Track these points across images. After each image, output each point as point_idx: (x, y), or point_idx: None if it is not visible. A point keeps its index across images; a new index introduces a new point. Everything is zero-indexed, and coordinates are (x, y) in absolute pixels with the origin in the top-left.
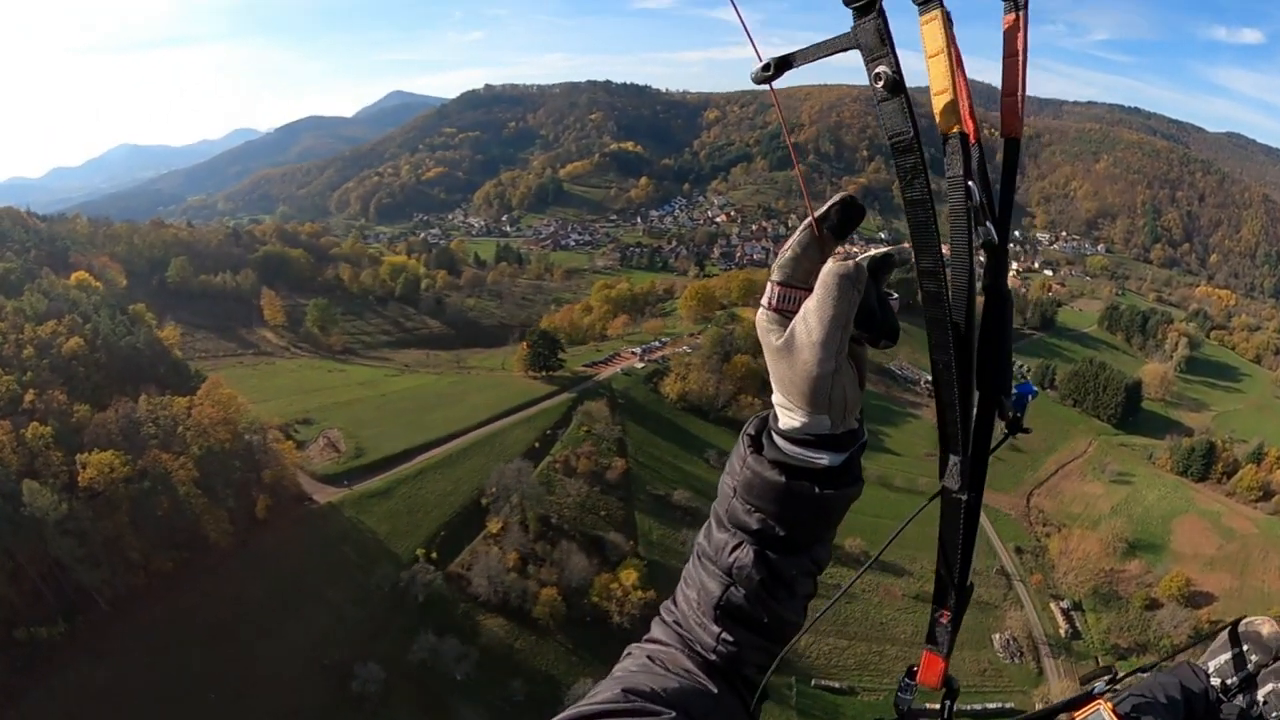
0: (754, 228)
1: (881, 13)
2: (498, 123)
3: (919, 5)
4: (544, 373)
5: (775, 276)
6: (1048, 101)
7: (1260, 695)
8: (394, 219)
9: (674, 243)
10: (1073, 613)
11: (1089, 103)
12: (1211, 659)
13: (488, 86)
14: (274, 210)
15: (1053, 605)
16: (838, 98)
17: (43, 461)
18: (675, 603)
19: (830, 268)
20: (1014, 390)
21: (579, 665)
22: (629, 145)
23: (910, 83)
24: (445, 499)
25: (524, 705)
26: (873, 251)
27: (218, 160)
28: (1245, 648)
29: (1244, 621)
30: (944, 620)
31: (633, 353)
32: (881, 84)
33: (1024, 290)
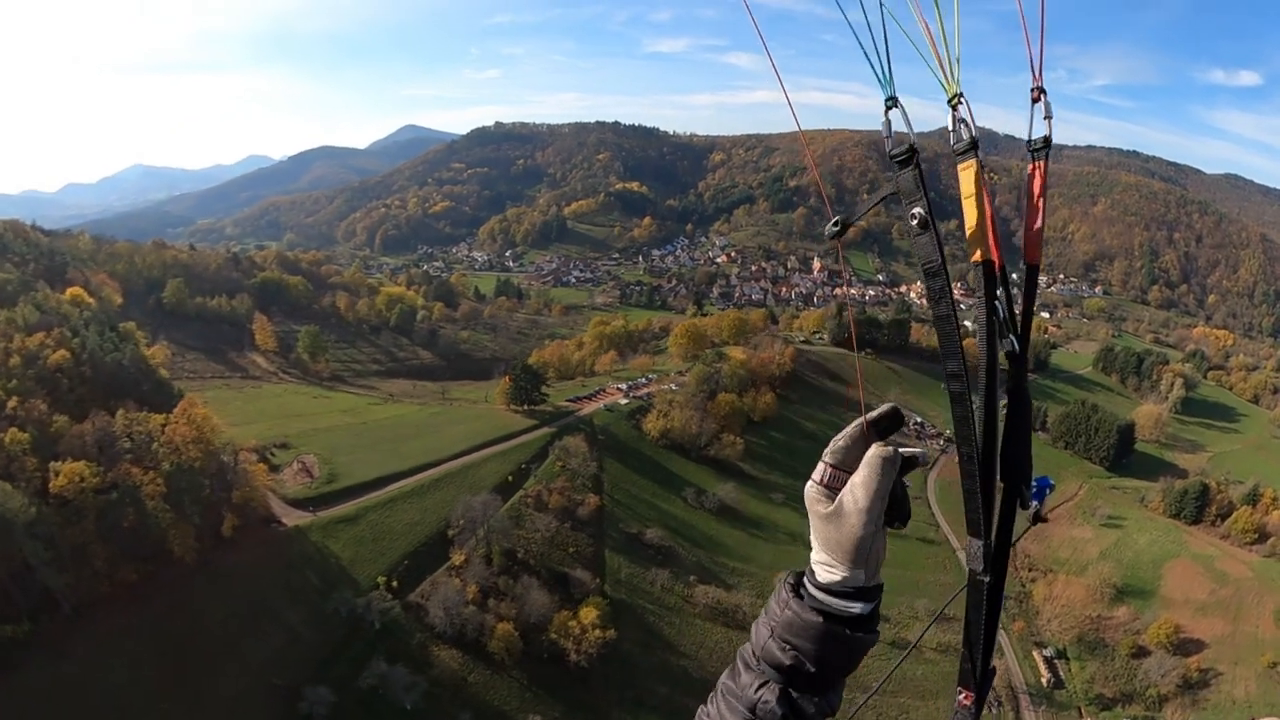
0: (753, 268)
1: (919, 164)
2: (507, 159)
3: (958, 155)
4: (525, 406)
5: (828, 459)
6: None
7: None
8: (399, 250)
9: (674, 281)
10: (1056, 661)
11: (1088, 147)
12: None
13: (498, 124)
14: (281, 237)
15: (1035, 653)
16: (839, 142)
17: (18, 466)
18: None
19: (878, 451)
20: (1034, 482)
21: (531, 701)
22: (634, 185)
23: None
24: (412, 528)
25: None
26: (906, 450)
27: (229, 185)
28: None
29: None
30: (966, 701)
31: (618, 389)
32: (916, 222)
33: None
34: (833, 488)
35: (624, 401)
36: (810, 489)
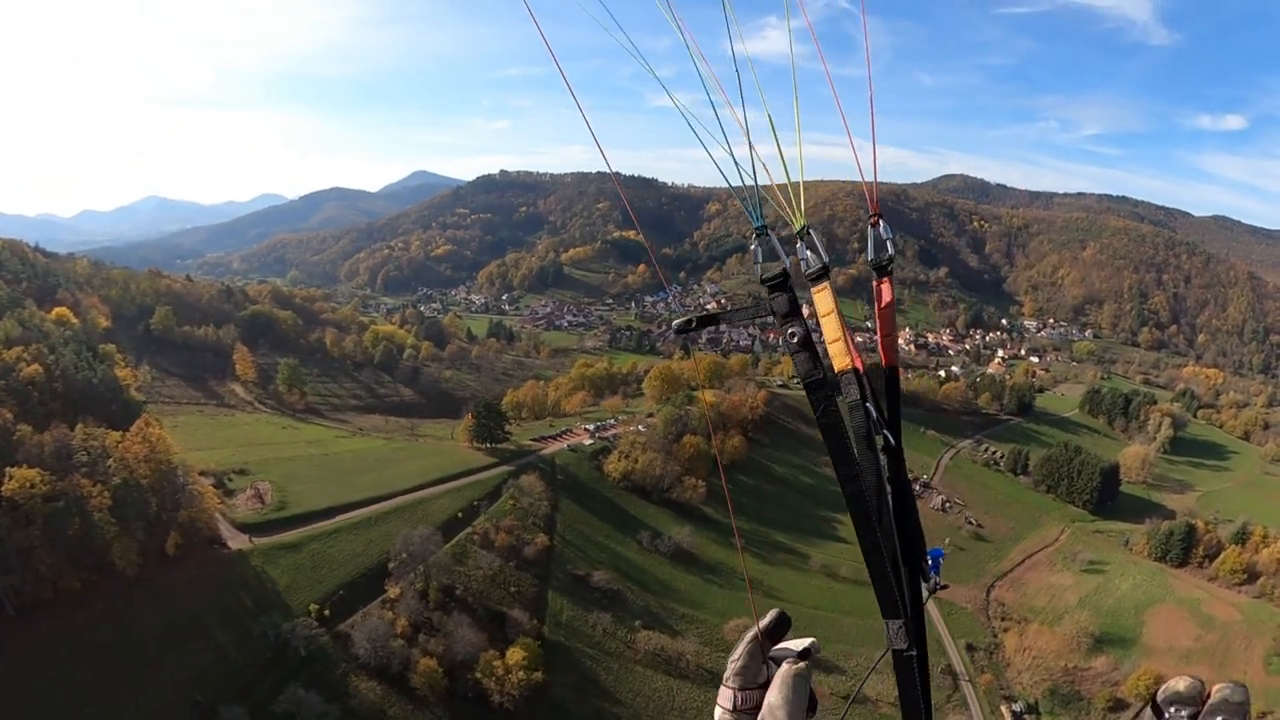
0: None
1: (791, 288)
2: (509, 206)
3: (811, 281)
4: (488, 445)
5: (734, 685)
6: (1039, 194)
7: None
8: (399, 291)
9: (663, 327)
10: (1025, 716)
11: (1078, 194)
12: None
13: (503, 172)
14: (286, 274)
15: (1004, 708)
16: (832, 193)
17: None
18: None
19: (789, 670)
20: (929, 555)
21: None
22: (631, 234)
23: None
24: (353, 559)
25: None
26: (799, 648)
27: (241, 221)
28: (1172, 709)
29: (1161, 690)
30: None
31: (585, 429)
32: (796, 340)
33: (1006, 377)
34: (747, 710)
35: (588, 442)
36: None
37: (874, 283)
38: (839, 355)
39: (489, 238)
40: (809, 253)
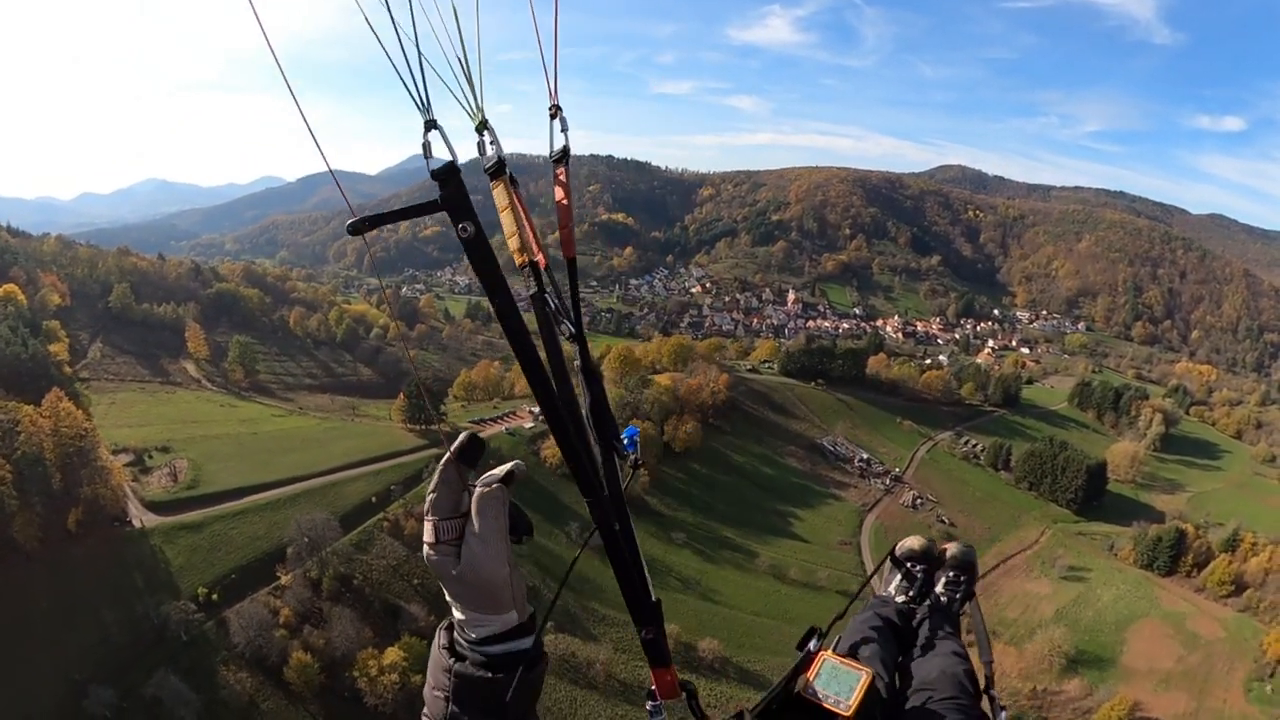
0: (726, 299)
1: (461, 185)
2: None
3: (489, 176)
4: (421, 425)
5: (432, 516)
6: (1036, 187)
7: (938, 589)
8: (386, 272)
9: (645, 310)
10: None
11: (1076, 187)
12: (888, 586)
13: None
14: (275, 254)
15: None
16: (825, 179)
17: None
18: None
19: (481, 493)
20: (623, 435)
21: None
22: (620, 216)
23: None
24: (253, 542)
25: None
26: (499, 471)
27: (238, 203)
28: (908, 565)
29: (897, 547)
30: (649, 636)
31: (530, 412)
32: (465, 236)
33: (994, 367)
34: (450, 542)
35: (529, 425)
36: (429, 555)
37: (557, 174)
38: (515, 249)
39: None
40: (490, 146)
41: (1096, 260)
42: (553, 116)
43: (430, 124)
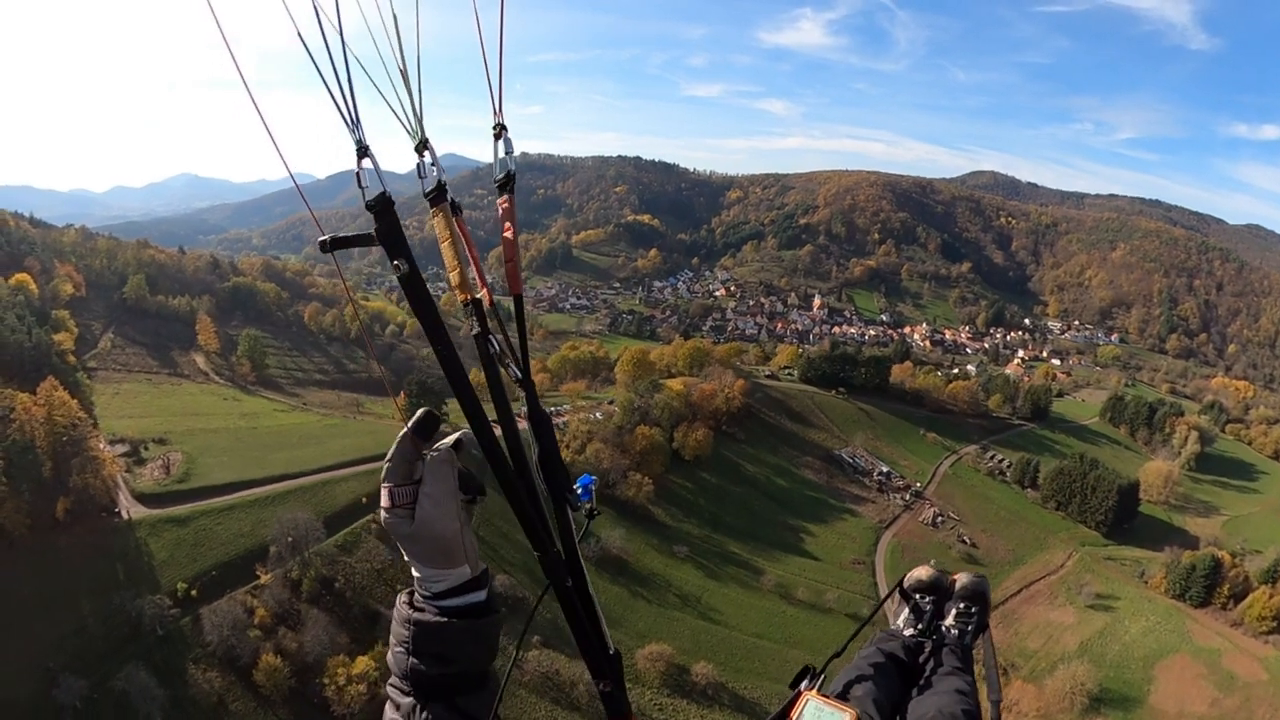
0: (750, 303)
1: (394, 218)
2: (528, 189)
3: (430, 202)
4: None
5: (388, 482)
6: (1069, 194)
7: (948, 621)
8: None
9: (667, 312)
10: None
11: (1110, 195)
12: (896, 619)
13: (524, 154)
14: (301, 250)
15: None
16: (855, 182)
17: None
18: None
19: (433, 456)
20: (576, 484)
21: None
22: (645, 218)
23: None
24: (237, 539)
25: None
26: (448, 440)
27: (268, 199)
28: (917, 597)
29: (906, 579)
30: (607, 689)
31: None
32: (401, 273)
33: (1024, 378)
34: (405, 505)
35: (524, 428)
36: (386, 518)
37: (499, 203)
38: (456, 284)
39: (475, 248)
40: (431, 169)
41: (1131, 270)
42: (497, 137)
43: (362, 149)
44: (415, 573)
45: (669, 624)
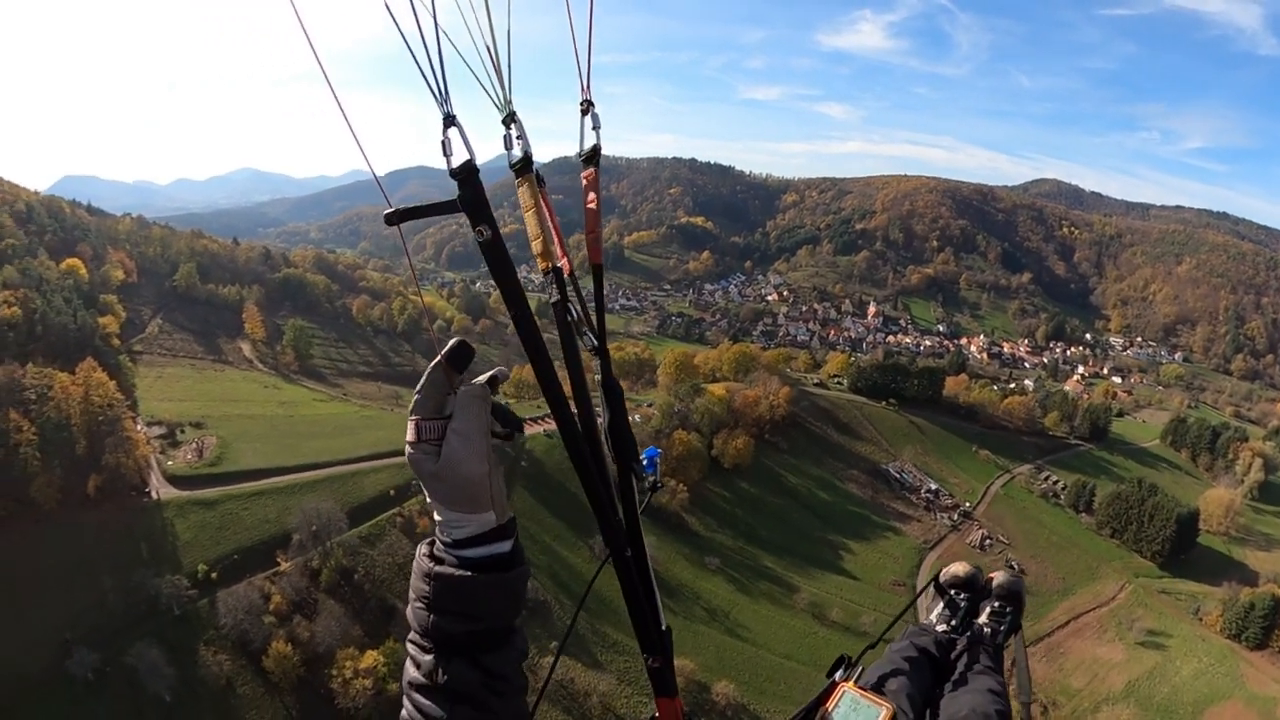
0: (803, 309)
1: (478, 185)
2: (582, 189)
3: (515, 173)
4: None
5: (415, 415)
6: (1134, 204)
7: (982, 619)
8: (462, 267)
9: (717, 316)
10: None
11: (1177, 207)
12: (930, 614)
13: (579, 153)
14: (357, 245)
15: None
16: (914, 188)
17: None
18: None
19: (464, 390)
20: (642, 456)
21: None
22: (698, 220)
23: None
24: (261, 525)
25: None
26: (483, 376)
27: (327, 194)
28: (952, 593)
29: (942, 573)
30: (655, 665)
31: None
32: (483, 239)
33: (1083, 396)
34: (431, 440)
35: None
36: (411, 453)
37: (584, 175)
38: (538, 253)
39: (558, 218)
40: (517, 141)
41: (1196, 285)
42: (584, 113)
43: (449, 119)
44: (437, 516)
45: (693, 638)
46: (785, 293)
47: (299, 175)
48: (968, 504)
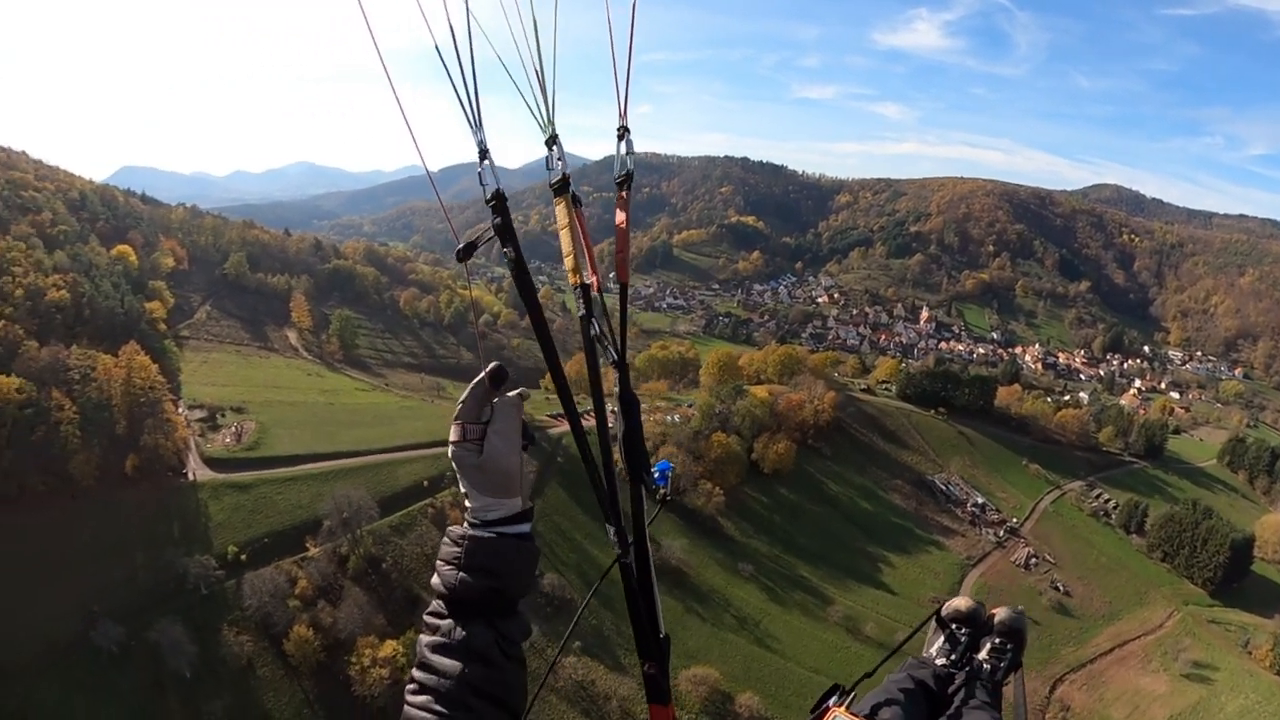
0: (854, 312)
1: (507, 213)
2: (633, 187)
3: (554, 192)
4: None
5: (459, 419)
6: (1196, 212)
7: (981, 655)
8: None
9: (765, 317)
10: None
11: (1240, 215)
12: (930, 647)
13: (615, 176)
14: (409, 239)
15: None
16: (970, 190)
17: None
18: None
19: (505, 399)
20: (655, 469)
21: (303, 718)
22: (749, 219)
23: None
24: (294, 510)
25: None
26: (514, 392)
27: (381, 189)
28: (954, 627)
29: (944, 607)
30: (652, 671)
31: (613, 411)
32: (510, 258)
33: (1139, 411)
34: (473, 440)
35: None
36: (455, 450)
37: (619, 195)
38: (570, 269)
39: (607, 216)
40: (557, 162)
41: (1260, 299)
42: (620, 138)
43: (483, 151)
44: (471, 502)
45: (721, 646)
46: (836, 295)
47: (354, 170)
48: (1015, 520)
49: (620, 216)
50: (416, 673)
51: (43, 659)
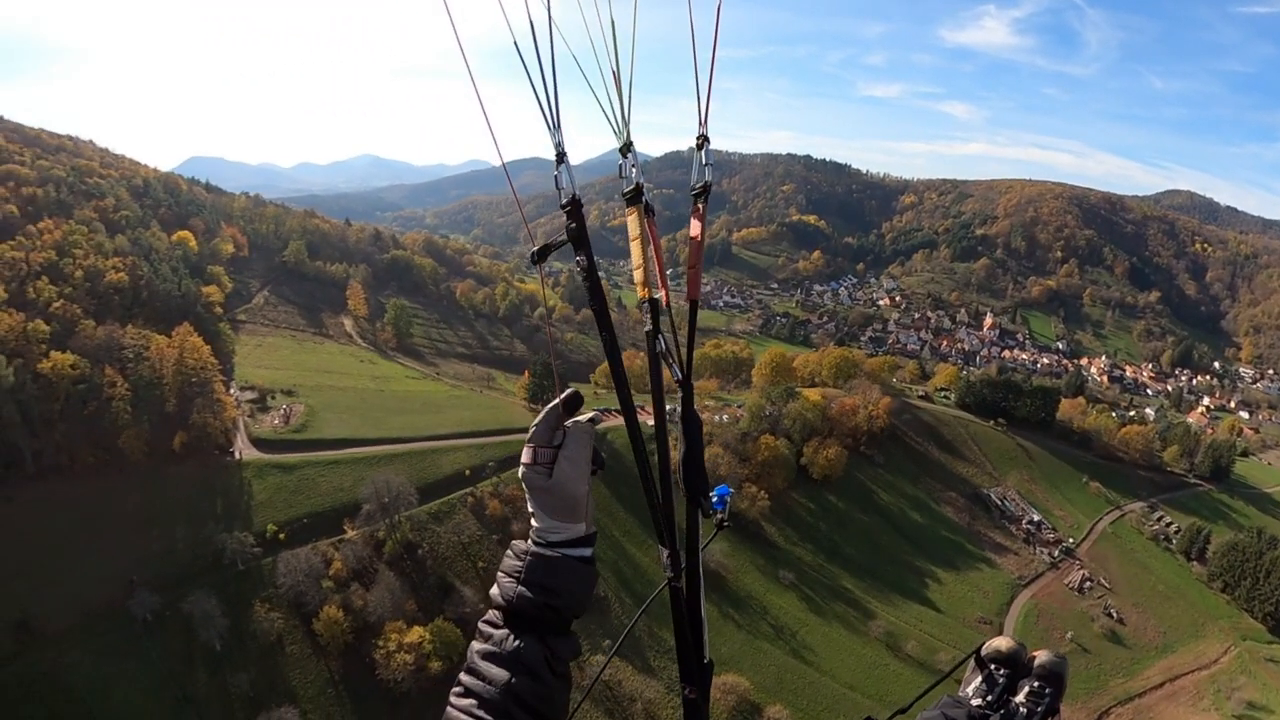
0: (916, 316)
1: (582, 218)
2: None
3: (626, 201)
4: (541, 406)
5: (532, 443)
6: (1272, 222)
7: (1019, 698)
8: (571, 258)
9: (824, 318)
10: None
11: None
12: (967, 686)
13: (691, 188)
14: (470, 231)
15: None
16: (1038, 193)
17: (29, 347)
18: None
19: (579, 424)
20: (714, 492)
21: (330, 697)
22: (811, 218)
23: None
24: (335, 493)
25: (241, 696)
26: (586, 416)
27: (444, 182)
28: (992, 668)
29: (984, 647)
30: (691, 695)
31: (647, 411)
32: (580, 268)
33: (1207, 430)
34: (544, 464)
35: (652, 423)
36: (526, 472)
37: (693, 208)
38: (639, 281)
39: (667, 213)
40: (631, 170)
41: None
42: (699, 148)
43: (560, 154)
44: (536, 523)
45: (754, 654)
46: (898, 298)
47: (418, 163)
48: (1071, 540)
49: (695, 228)
50: (464, 677)
51: (78, 624)
